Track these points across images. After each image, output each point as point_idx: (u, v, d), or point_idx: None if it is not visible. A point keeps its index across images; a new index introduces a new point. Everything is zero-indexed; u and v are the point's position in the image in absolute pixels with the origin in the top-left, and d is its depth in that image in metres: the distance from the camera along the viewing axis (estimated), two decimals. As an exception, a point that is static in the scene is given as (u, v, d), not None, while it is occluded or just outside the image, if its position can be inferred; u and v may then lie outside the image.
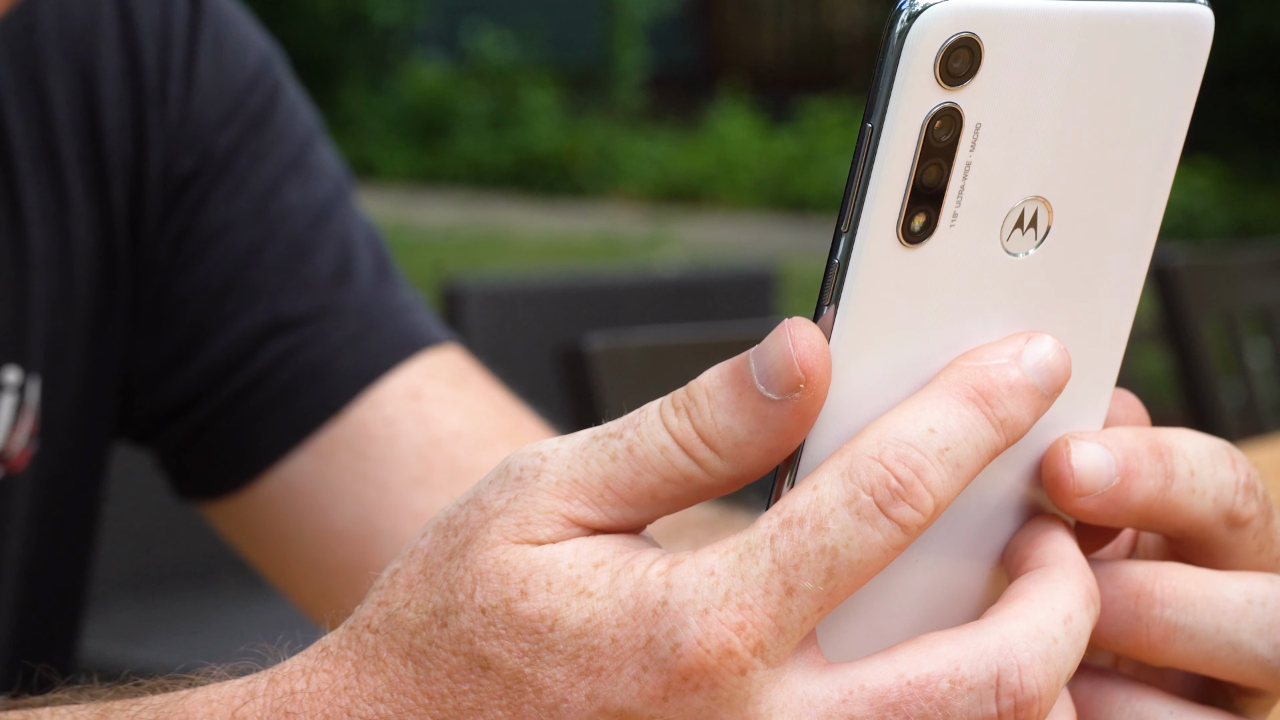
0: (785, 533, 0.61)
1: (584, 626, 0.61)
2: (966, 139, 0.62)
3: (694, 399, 0.63)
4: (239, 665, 0.68)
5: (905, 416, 0.63)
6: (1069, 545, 0.66)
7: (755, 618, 0.60)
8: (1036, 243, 0.65)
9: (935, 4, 0.61)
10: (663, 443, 0.63)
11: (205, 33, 1.15)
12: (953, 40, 0.61)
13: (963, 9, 0.61)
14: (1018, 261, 0.65)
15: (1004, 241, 0.65)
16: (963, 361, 0.64)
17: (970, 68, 0.61)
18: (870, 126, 0.61)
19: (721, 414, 0.63)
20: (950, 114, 0.62)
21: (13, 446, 1.09)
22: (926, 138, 0.62)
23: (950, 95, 0.61)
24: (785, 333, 0.62)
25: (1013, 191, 0.64)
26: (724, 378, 0.63)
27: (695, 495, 0.64)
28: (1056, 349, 0.65)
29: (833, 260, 0.63)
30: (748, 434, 0.63)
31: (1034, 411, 0.64)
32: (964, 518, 0.67)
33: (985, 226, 0.64)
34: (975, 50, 0.61)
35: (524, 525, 0.63)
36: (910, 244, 0.63)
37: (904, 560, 0.65)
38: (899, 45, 0.61)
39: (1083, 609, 0.64)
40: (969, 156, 0.63)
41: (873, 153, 0.62)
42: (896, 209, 0.62)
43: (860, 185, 0.62)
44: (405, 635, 0.64)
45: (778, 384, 0.62)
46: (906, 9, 0.61)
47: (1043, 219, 0.65)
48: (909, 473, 0.62)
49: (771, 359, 0.62)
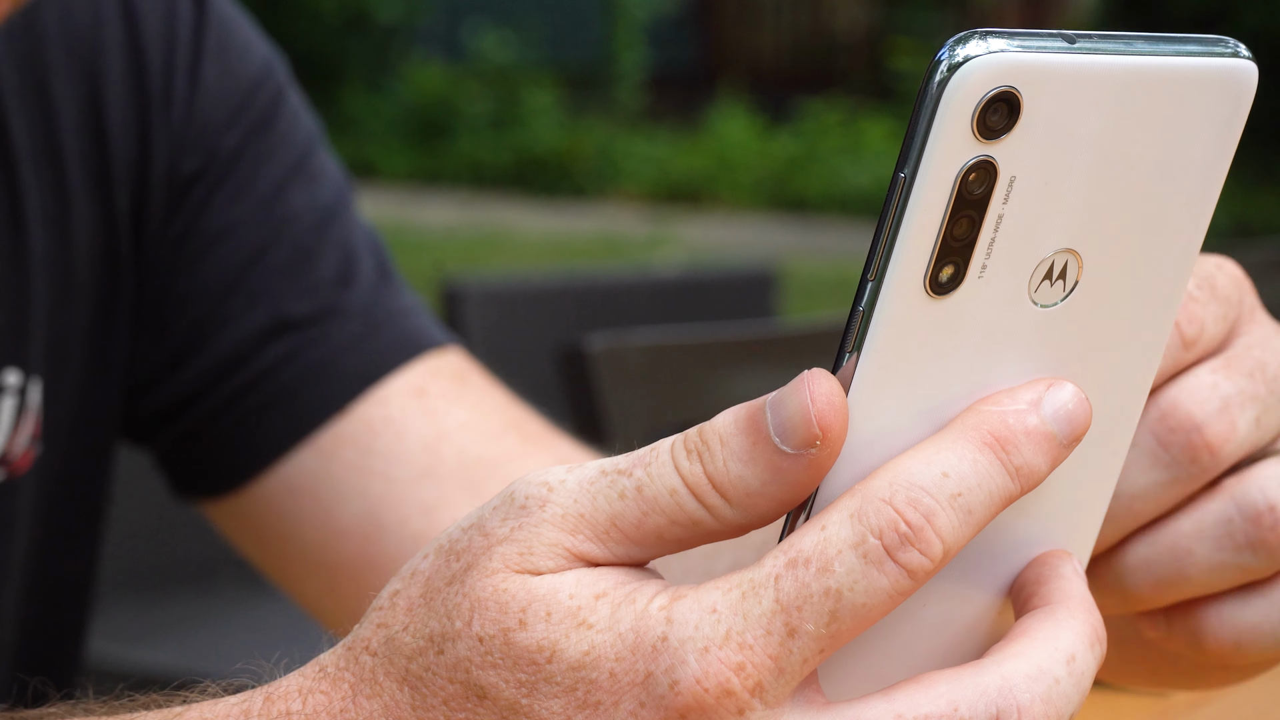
0: (790, 573, 0.60)
1: (582, 659, 0.61)
2: (1000, 192, 0.61)
3: (707, 443, 0.62)
4: (234, 682, 0.67)
5: (919, 459, 0.62)
6: (1076, 584, 0.65)
7: (755, 658, 0.60)
8: (1065, 294, 0.64)
9: (976, 56, 0.59)
10: (673, 485, 0.62)
11: (210, 35, 1.15)
12: (992, 94, 0.60)
13: (1004, 63, 0.60)
14: (1045, 312, 0.64)
15: (1032, 293, 0.64)
16: (981, 406, 0.63)
17: (1008, 122, 0.60)
18: (903, 176, 0.60)
19: (734, 462, 0.62)
20: (985, 167, 0.61)
21: (14, 449, 1.09)
22: (960, 190, 0.61)
23: (986, 149, 0.60)
24: (804, 387, 0.61)
25: (1044, 244, 0.63)
26: (739, 425, 0.62)
27: (701, 539, 0.63)
28: (1077, 398, 0.64)
29: (857, 307, 0.62)
30: (759, 485, 0.62)
31: (1051, 460, 0.63)
32: (973, 557, 0.66)
33: (1014, 278, 0.63)
34: (1014, 104, 0.60)
35: (526, 555, 0.62)
36: (937, 295, 0.62)
37: (910, 602, 0.64)
38: (937, 96, 0.60)
39: (1087, 649, 0.63)
40: (1001, 209, 0.62)
41: (904, 202, 0.61)
42: (925, 260, 0.61)
43: (890, 234, 0.61)
44: (402, 660, 0.63)
45: (793, 438, 0.61)
46: (946, 60, 0.60)
47: (1072, 271, 0.64)
48: (919, 517, 0.60)
49: (789, 412, 0.61)
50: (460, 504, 1.11)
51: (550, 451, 1.14)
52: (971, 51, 0.60)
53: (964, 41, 0.60)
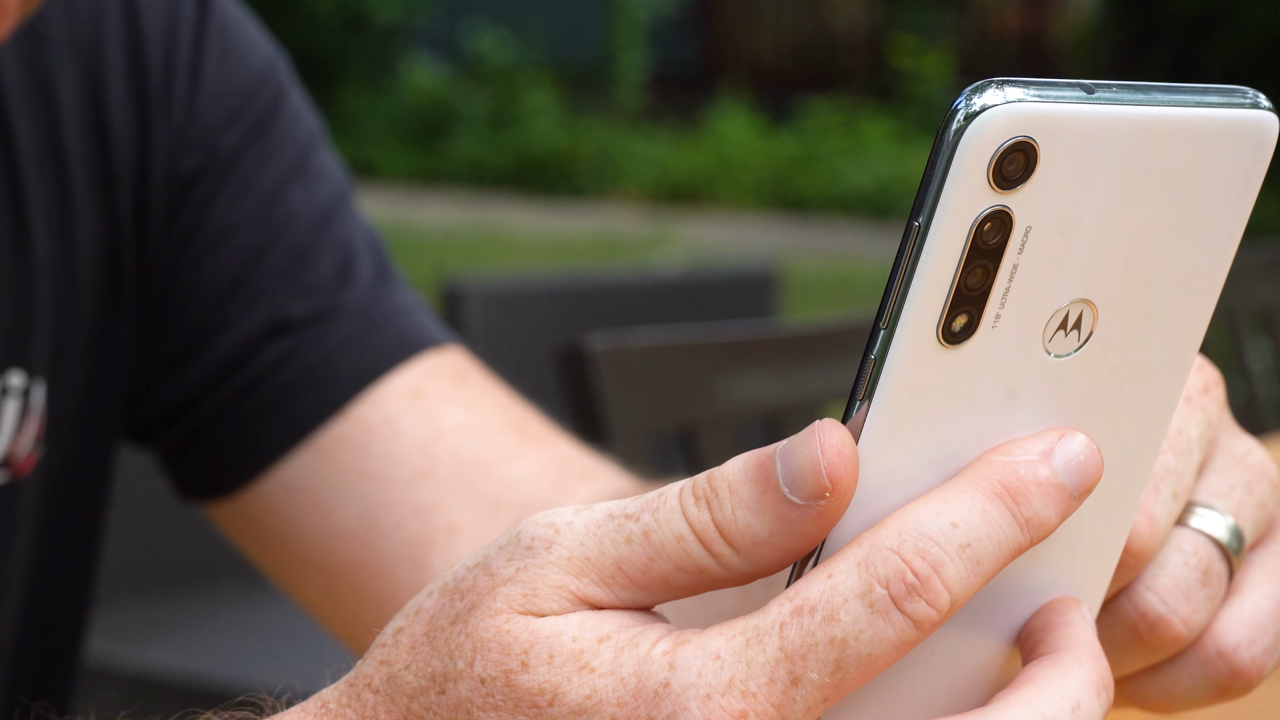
0: (795, 620, 0.60)
1: (584, 703, 0.60)
2: (1015, 242, 0.61)
3: (716, 491, 0.62)
4: (236, 715, 0.67)
5: (928, 509, 0.61)
6: (1084, 631, 0.65)
7: (758, 706, 0.59)
8: (1079, 345, 0.64)
9: (994, 105, 0.59)
10: (680, 532, 0.62)
11: (211, 35, 1.15)
12: (1009, 144, 0.59)
13: (1022, 113, 0.59)
14: (1059, 362, 0.64)
15: (1046, 343, 0.63)
16: (992, 456, 0.63)
17: (1025, 172, 0.60)
18: (918, 224, 0.60)
19: (742, 511, 0.61)
20: (1001, 217, 0.60)
21: (18, 450, 1.09)
22: (975, 239, 0.60)
23: (1002, 199, 0.60)
24: (815, 437, 0.61)
25: (1059, 294, 0.62)
26: (748, 474, 0.62)
27: (707, 586, 0.62)
28: (1089, 449, 0.63)
29: (869, 355, 0.61)
30: (767, 534, 0.61)
31: (1061, 512, 0.62)
32: (981, 605, 0.65)
33: (1028, 328, 0.62)
34: (1031, 154, 0.60)
35: (530, 597, 0.62)
36: (950, 344, 0.61)
37: (917, 650, 0.64)
38: (954, 145, 0.59)
39: (1093, 697, 0.62)
40: (1016, 259, 0.61)
41: (918, 251, 0.60)
42: (939, 309, 0.61)
43: (903, 283, 0.60)
44: (404, 699, 0.63)
45: (803, 489, 0.61)
46: (963, 109, 0.59)
47: (1087, 321, 0.63)
48: (927, 568, 0.60)
49: (799, 463, 0.61)
50: (455, 506, 1.11)
51: (548, 451, 1.14)
52: (989, 101, 0.59)
53: (981, 90, 0.59)
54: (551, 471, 1.13)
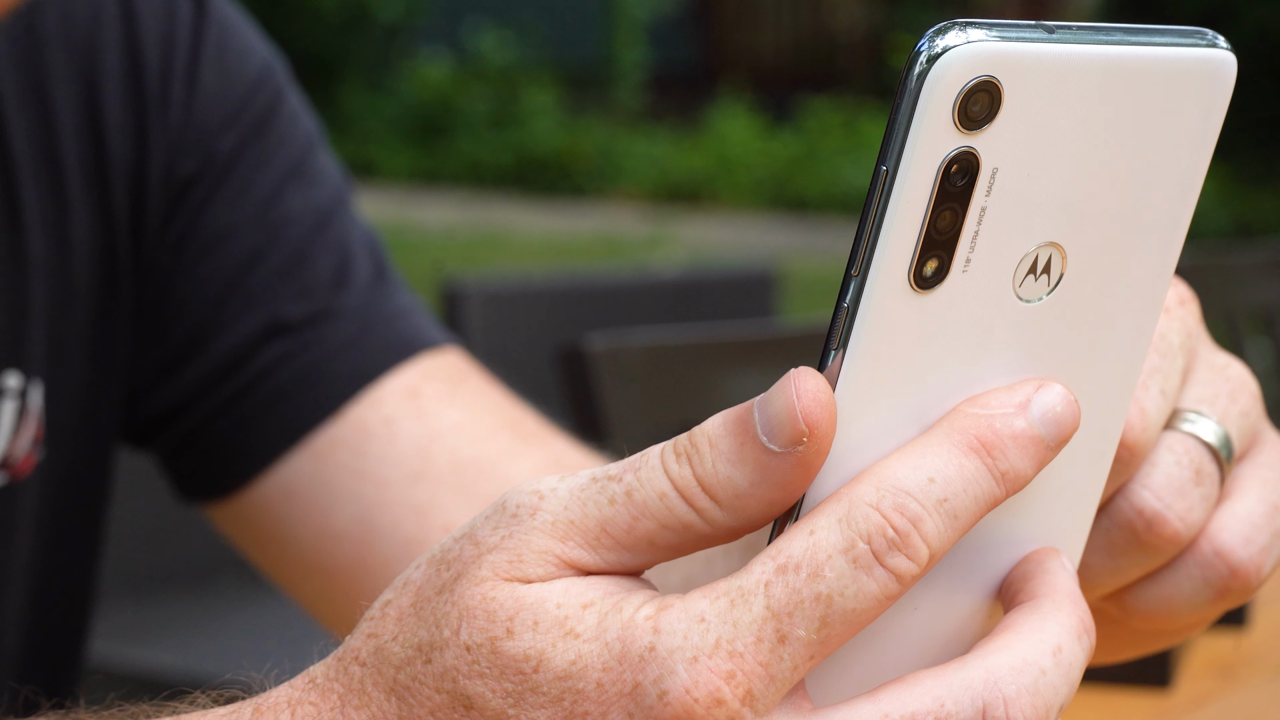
0: (780, 579, 0.60)
1: (569, 669, 0.60)
2: (983, 184, 0.61)
3: (696, 446, 0.62)
4: (225, 693, 0.67)
5: (905, 464, 0.61)
6: (1063, 578, 0.65)
7: (746, 665, 0.60)
8: (1049, 289, 0.64)
9: (956, 46, 0.59)
10: (662, 489, 0.62)
11: (209, 37, 1.15)
12: (973, 84, 0.59)
13: (984, 53, 0.59)
14: (1030, 307, 0.64)
15: (1016, 287, 0.63)
16: (967, 408, 0.63)
17: (989, 112, 0.60)
18: (885, 169, 0.60)
19: (723, 463, 0.62)
20: (967, 158, 0.60)
21: (16, 452, 1.09)
22: (942, 182, 0.60)
23: (968, 140, 0.60)
24: (790, 384, 0.61)
25: (1027, 238, 0.63)
26: (727, 426, 0.62)
27: (693, 544, 0.62)
28: (1065, 400, 0.63)
29: (841, 304, 0.61)
30: (749, 485, 0.61)
31: (1037, 464, 0.63)
32: (962, 558, 0.66)
33: (998, 272, 0.63)
34: (995, 94, 0.60)
35: (515, 563, 0.62)
36: (922, 290, 0.61)
37: (901, 605, 0.64)
38: (917, 88, 0.59)
39: (1074, 640, 0.63)
40: (984, 202, 0.61)
41: (886, 196, 0.60)
42: (909, 254, 0.61)
43: (873, 229, 0.60)
44: (390, 670, 0.63)
45: (781, 436, 0.61)
46: (926, 51, 0.59)
47: (1056, 265, 0.64)
48: (906, 523, 0.60)
49: (775, 411, 0.61)
50: (451, 506, 1.11)
51: (545, 450, 1.14)
52: (951, 42, 0.59)
53: (943, 32, 0.60)
54: (548, 471, 1.13)
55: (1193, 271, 2.62)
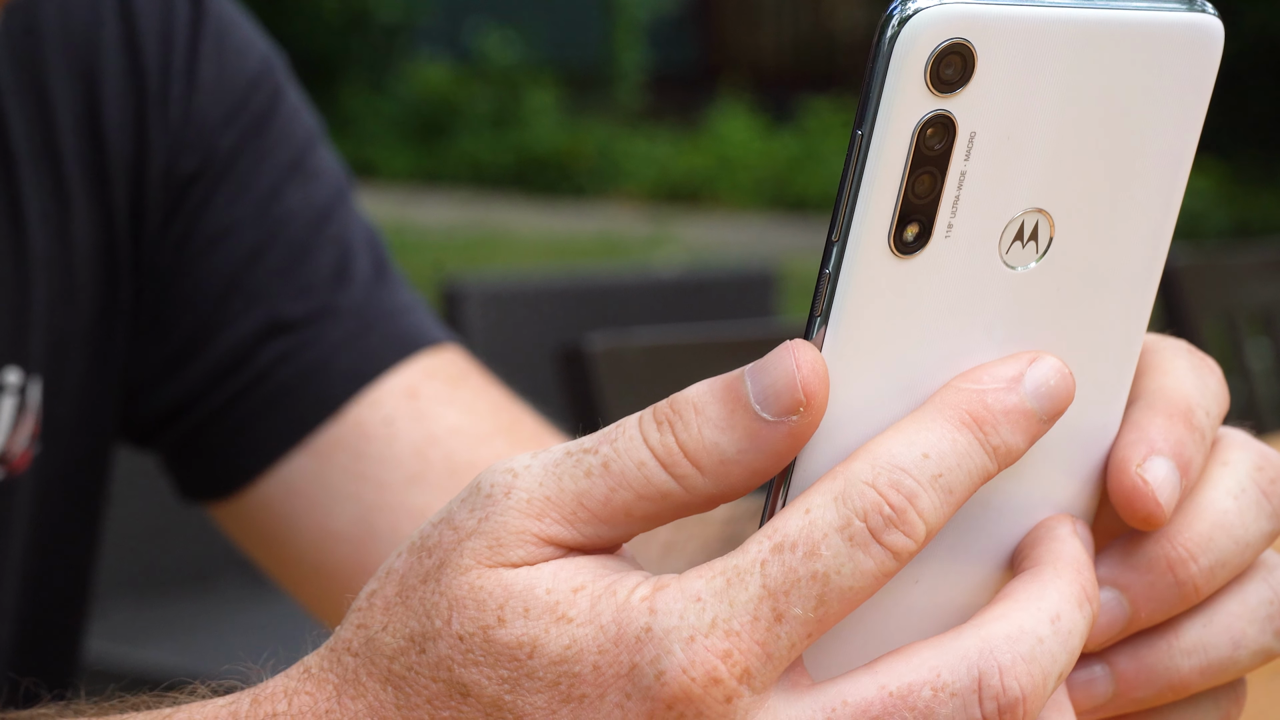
0: (776, 557, 0.60)
1: (564, 653, 0.60)
2: (960, 148, 0.61)
3: (679, 413, 0.62)
4: (223, 684, 0.67)
5: (899, 440, 0.61)
6: (1068, 544, 0.65)
7: (742, 644, 0.60)
8: (1038, 256, 0.64)
9: (926, 8, 0.59)
10: (641, 458, 0.62)
11: (207, 34, 1.15)
12: (944, 46, 0.60)
13: (954, 14, 0.60)
14: (1018, 275, 0.64)
15: (1003, 254, 0.63)
16: (960, 383, 0.63)
17: (963, 75, 0.60)
18: (860, 134, 0.60)
19: (710, 430, 0.61)
20: (943, 122, 0.60)
21: (14, 448, 1.09)
22: (918, 146, 0.60)
23: (942, 103, 0.60)
24: (789, 354, 0.61)
25: (1011, 203, 0.63)
26: (715, 394, 0.62)
27: (672, 513, 0.62)
28: (1059, 373, 0.63)
29: (824, 270, 0.62)
30: (736, 453, 0.61)
31: (1030, 438, 0.63)
32: (960, 532, 0.65)
33: (983, 238, 0.63)
34: (968, 57, 0.60)
35: (496, 548, 0.62)
36: (903, 255, 0.61)
37: (902, 579, 0.64)
38: (889, 51, 0.59)
39: (1074, 608, 0.63)
40: (964, 166, 0.61)
41: (863, 161, 0.60)
42: (888, 218, 0.61)
43: (851, 194, 0.61)
44: (384, 660, 0.63)
45: (776, 405, 0.61)
46: (897, 14, 0.60)
47: (1044, 232, 0.63)
48: (902, 499, 0.61)
49: (772, 379, 0.61)
50: None
51: (541, 453, 1.14)
52: (922, 4, 0.59)
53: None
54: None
55: (1193, 271, 2.62)
